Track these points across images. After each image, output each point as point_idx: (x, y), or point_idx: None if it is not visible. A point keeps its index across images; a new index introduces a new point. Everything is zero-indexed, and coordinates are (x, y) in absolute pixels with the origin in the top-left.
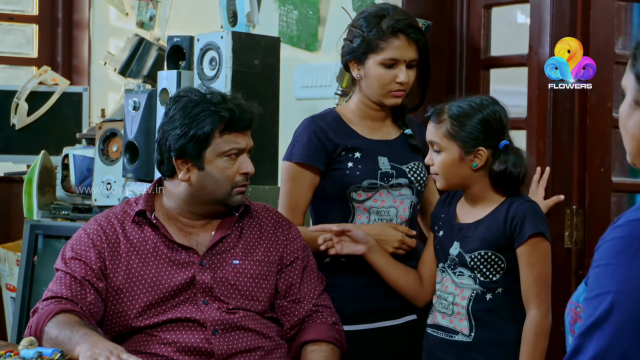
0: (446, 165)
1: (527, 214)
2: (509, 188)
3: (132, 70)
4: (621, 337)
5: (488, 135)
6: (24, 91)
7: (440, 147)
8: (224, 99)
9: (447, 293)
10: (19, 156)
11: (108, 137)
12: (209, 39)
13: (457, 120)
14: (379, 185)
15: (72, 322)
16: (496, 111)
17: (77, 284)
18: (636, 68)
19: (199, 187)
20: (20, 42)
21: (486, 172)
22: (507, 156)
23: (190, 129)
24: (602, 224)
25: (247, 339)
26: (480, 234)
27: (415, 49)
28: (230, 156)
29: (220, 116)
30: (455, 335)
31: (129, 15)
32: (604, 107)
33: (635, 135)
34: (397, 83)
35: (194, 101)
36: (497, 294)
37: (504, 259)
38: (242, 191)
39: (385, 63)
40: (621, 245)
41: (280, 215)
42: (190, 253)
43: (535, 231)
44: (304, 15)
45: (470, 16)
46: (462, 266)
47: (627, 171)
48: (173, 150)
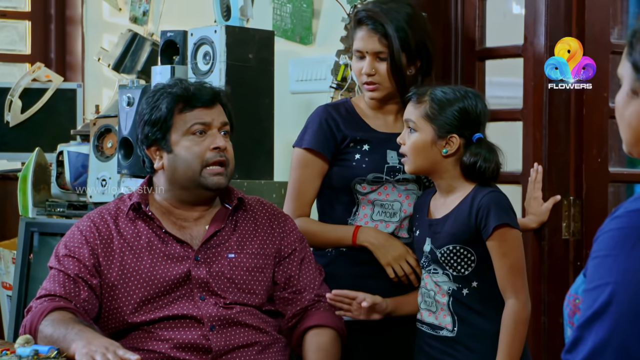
0: (417, 146)
1: (491, 206)
2: (478, 179)
3: (126, 65)
4: (620, 328)
5: (463, 125)
6: (18, 88)
7: (415, 126)
8: (181, 81)
9: (428, 289)
10: (14, 154)
11: (102, 133)
12: (202, 33)
13: (438, 103)
14: (384, 179)
15: (66, 320)
16: (477, 104)
17: (70, 282)
18: (633, 57)
19: (172, 170)
20: (13, 39)
21: (456, 162)
22: (480, 149)
23: (151, 115)
24: (599, 214)
25: (245, 335)
26: (448, 228)
27: (378, 41)
28: (195, 134)
29: (173, 94)
30: (440, 330)
31: (122, 10)
32: (600, 97)
33: (632, 125)
34: (365, 74)
35: (153, 91)
36: (472, 288)
37: (473, 252)
38: (217, 172)
39: (355, 55)
40: (620, 236)
41: (275, 207)
42: (184, 247)
43: (500, 222)
44: (298, 9)
45: (465, 7)
46: (434, 263)
47: (624, 161)
48: (142, 140)
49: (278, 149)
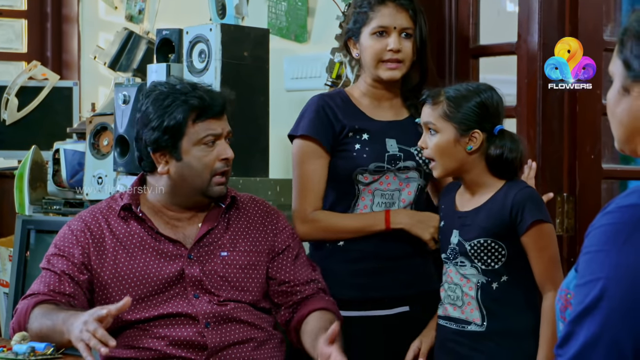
0: (441, 147)
1: (527, 202)
2: (506, 172)
3: (122, 64)
4: (612, 323)
5: (484, 119)
6: (14, 86)
7: (435, 127)
8: (194, 87)
9: (453, 284)
10: (10, 151)
11: (99, 131)
12: (198, 31)
13: (454, 101)
14: (385, 169)
15: (49, 311)
16: (493, 96)
17: (55, 278)
18: (624, 54)
19: (178, 178)
20: (10, 37)
21: (482, 156)
22: (503, 141)
23: (163, 120)
24: (593, 211)
25: (240, 331)
26: (480, 222)
27: (408, 17)
28: (207, 144)
29: (190, 104)
30: (467, 325)
31: (118, 8)
32: (593, 95)
33: (623, 122)
34: (389, 51)
35: (164, 93)
36: (502, 282)
37: (504, 246)
38: (222, 182)
39: (375, 32)
40: (611, 231)
41: (268, 204)
42: (177, 246)
43: (536, 218)
44: (293, 7)
45: (459, 5)
46: (462, 255)
47: (617, 158)
48: (149, 144)
49: (273, 147)
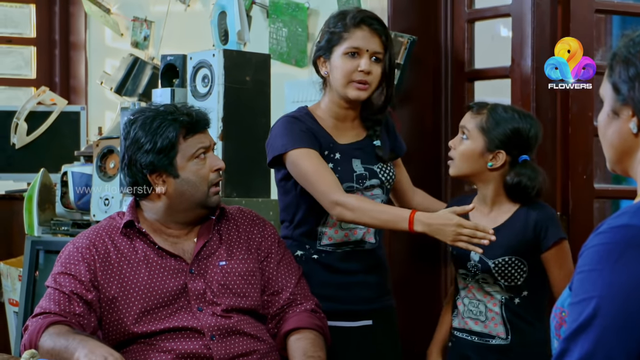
0: (466, 153)
1: (549, 222)
2: (520, 198)
3: (128, 88)
4: (605, 340)
5: (513, 144)
6: (23, 111)
7: (469, 134)
8: (176, 107)
9: (476, 300)
10: (20, 174)
11: (105, 154)
12: (201, 57)
13: (495, 118)
14: (355, 188)
15: (64, 332)
16: (531, 128)
17: (64, 298)
18: (612, 78)
19: (178, 194)
20: (19, 64)
21: (500, 177)
22: (525, 170)
23: (156, 142)
24: (585, 230)
25: (244, 343)
26: (503, 240)
27: (380, 42)
28: (199, 157)
29: (180, 121)
30: (491, 339)
31: (124, 35)
32: (585, 117)
33: (613, 144)
34: (360, 72)
35: (150, 117)
36: (523, 297)
37: (526, 263)
38: (217, 191)
39: (348, 52)
40: (604, 251)
41: (255, 214)
42: (178, 261)
43: (559, 237)
44: (294, 33)
45: (454, 30)
46: (485, 272)
47: (609, 178)
48: (145, 167)
49: None
